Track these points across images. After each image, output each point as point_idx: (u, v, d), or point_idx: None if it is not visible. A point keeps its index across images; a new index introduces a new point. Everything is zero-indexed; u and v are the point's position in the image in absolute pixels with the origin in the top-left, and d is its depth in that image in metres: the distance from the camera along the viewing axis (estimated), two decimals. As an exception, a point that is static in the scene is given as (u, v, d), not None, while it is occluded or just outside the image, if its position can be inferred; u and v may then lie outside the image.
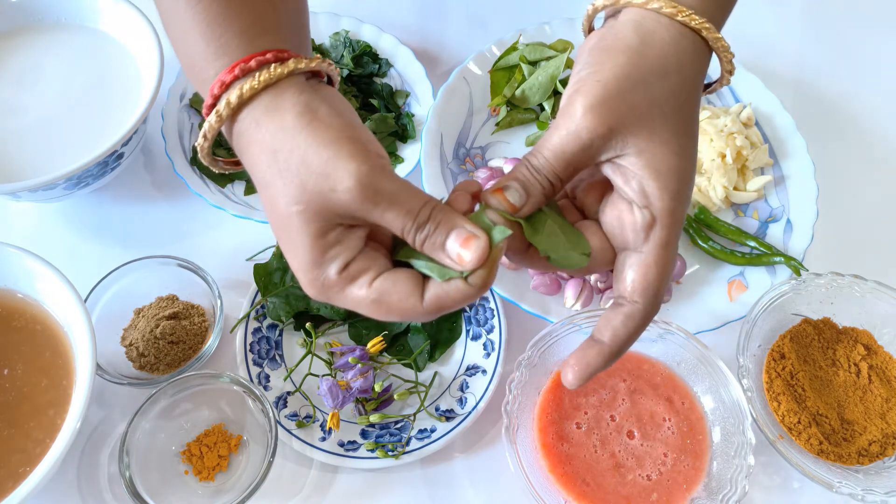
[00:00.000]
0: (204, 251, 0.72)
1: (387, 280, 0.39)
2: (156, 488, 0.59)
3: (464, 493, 0.62)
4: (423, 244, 0.38)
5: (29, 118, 0.69)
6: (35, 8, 0.74)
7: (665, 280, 0.41)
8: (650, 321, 0.41)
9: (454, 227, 0.38)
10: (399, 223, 0.38)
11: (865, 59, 0.88)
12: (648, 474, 0.59)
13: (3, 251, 0.60)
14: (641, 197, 0.39)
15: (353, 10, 0.83)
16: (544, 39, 0.78)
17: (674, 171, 0.39)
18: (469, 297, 0.38)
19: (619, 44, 0.40)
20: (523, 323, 0.69)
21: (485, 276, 0.38)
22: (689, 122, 0.41)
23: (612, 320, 0.41)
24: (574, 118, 0.39)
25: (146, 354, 0.64)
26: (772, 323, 0.65)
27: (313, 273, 0.39)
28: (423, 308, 0.38)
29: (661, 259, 0.40)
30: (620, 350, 0.41)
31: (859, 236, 0.75)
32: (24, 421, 0.57)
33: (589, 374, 0.41)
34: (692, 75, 0.41)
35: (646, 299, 0.40)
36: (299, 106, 0.38)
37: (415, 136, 0.76)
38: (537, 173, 0.40)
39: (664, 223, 0.40)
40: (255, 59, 0.39)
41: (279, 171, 0.38)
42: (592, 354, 0.41)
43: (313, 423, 0.62)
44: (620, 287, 0.41)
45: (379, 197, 0.37)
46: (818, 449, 0.60)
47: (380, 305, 0.39)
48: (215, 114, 0.39)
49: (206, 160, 0.43)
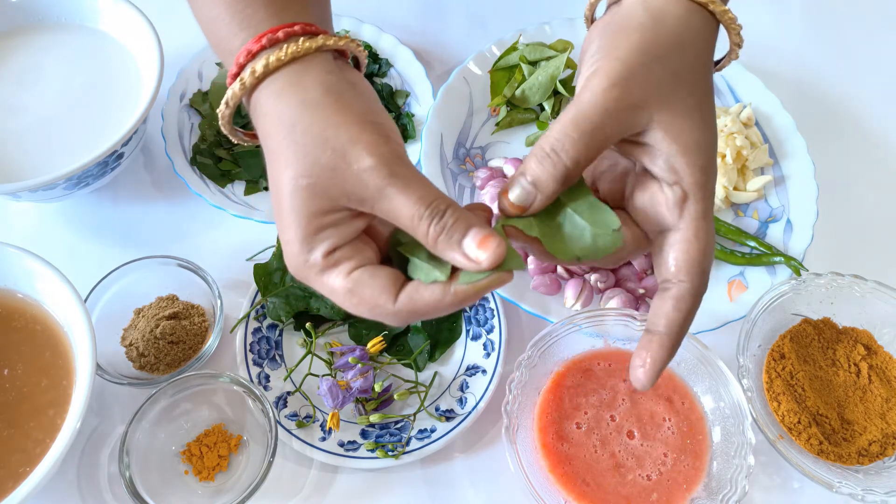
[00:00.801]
0: (204, 251, 0.72)
1: (365, 272, 0.38)
2: (156, 488, 0.59)
3: (464, 493, 0.62)
4: (439, 237, 0.37)
5: (29, 118, 0.69)
6: (35, 8, 0.74)
7: (709, 254, 0.39)
8: (701, 299, 0.39)
9: (473, 224, 0.37)
10: (410, 209, 0.37)
11: (865, 58, 0.88)
12: (648, 474, 0.59)
13: (3, 251, 0.60)
14: (671, 173, 0.39)
15: (353, 10, 0.83)
16: (544, 39, 0.78)
17: (700, 144, 0.39)
18: (440, 308, 0.37)
19: (632, 22, 0.40)
20: (523, 323, 0.69)
21: (468, 294, 0.37)
22: (708, 95, 0.41)
23: (663, 307, 0.39)
24: (596, 93, 0.38)
25: (146, 354, 0.64)
26: (772, 323, 0.65)
27: (299, 248, 0.38)
28: (394, 308, 0.38)
29: (702, 232, 0.39)
30: (681, 335, 0.40)
31: (859, 236, 0.75)
32: (24, 421, 0.57)
33: (658, 370, 0.40)
34: (704, 49, 0.41)
35: (693, 276, 0.39)
36: (325, 84, 0.38)
37: (415, 136, 0.76)
38: (553, 153, 0.38)
39: (697, 197, 0.39)
40: (283, 31, 0.39)
41: (294, 143, 0.38)
42: (655, 349, 0.39)
43: (313, 423, 0.62)
44: (663, 270, 0.40)
45: (396, 179, 0.37)
46: (818, 449, 0.60)
47: (352, 295, 0.38)
48: (239, 81, 0.39)
49: (225, 129, 0.43)
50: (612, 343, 0.63)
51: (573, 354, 0.63)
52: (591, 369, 0.62)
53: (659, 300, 0.40)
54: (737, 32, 0.43)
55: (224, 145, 0.76)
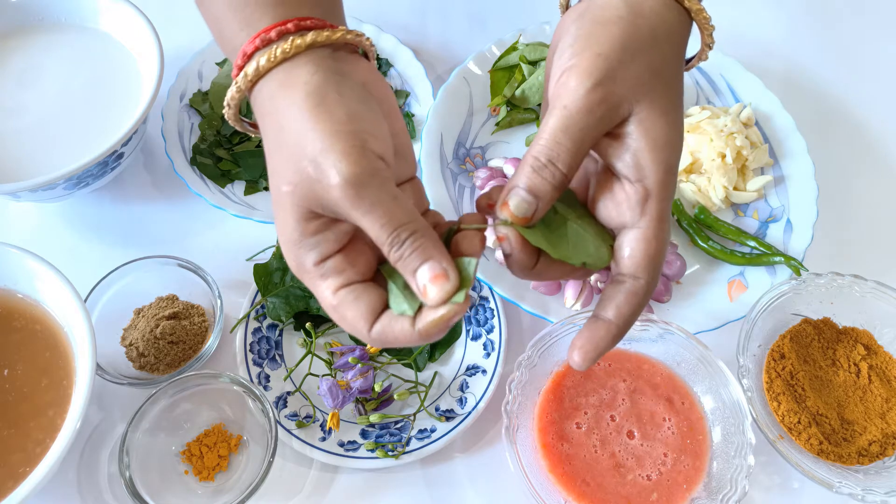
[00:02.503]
0: (204, 251, 0.72)
1: (350, 294, 0.39)
2: (156, 488, 0.59)
3: (464, 493, 0.62)
4: (397, 263, 0.37)
5: (29, 118, 0.69)
6: (35, 8, 0.74)
7: (664, 253, 0.40)
8: (651, 293, 0.40)
9: (431, 257, 0.37)
10: (375, 232, 0.37)
11: (865, 58, 0.88)
12: (648, 474, 0.59)
13: (3, 251, 0.60)
14: (635, 171, 0.39)
15: (353, 10, 0.83)
16: (544, 39, 0.78)
17: (669, 143, 0.39)
18: (410, 341, 0.38)
19: (610, 14, 0.40)
20: (523, 323, 0.69)
21: (430, 329, 0.37)
22: (680, 95, 0.41)
23: (615, 298, 0.40)
24: (581, 96, 0.38)
25: (146, 354, 0.64)
26: (772, 323, 0.65)
27: (293, 251, 0.39)
28: (370, 336, 0.39)
29: (661, 232, 0.39)
30: (627, 327, 0.40)
31: (859, 236, 0.75)
32: (24, 421, 0.57)
33: (597, 354, 0.40)
34: (679, 45, 0.41)
35: (648, 274, 0.40)
36: (310, 86, 0.38)
37: (415, 136, 0.76)
38: (549, 164, 0.38)
39: (659, 196, 0.39)
40: (276, 30, 0.39)
41: (280, 147, 0.38)
42: (601, 334, 0.40)
43: (313, 423, 0.62)
44: (620, 264, 0.40)
45: (360, 201, 0.36)
46: (818, 449, 0.60)
47: (335, 312, 0.39)
48: (235, 85, 0.40)
49: (233, 123, 0.44)
50: (612, 343, 0.63)
51: (573, 354, 0.63)
52: (591, 369, 0.62)
53: (612, 290, 0.40)
54: (709, 33, 0.43)
55: (224, 145, 0.76)
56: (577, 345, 0.41)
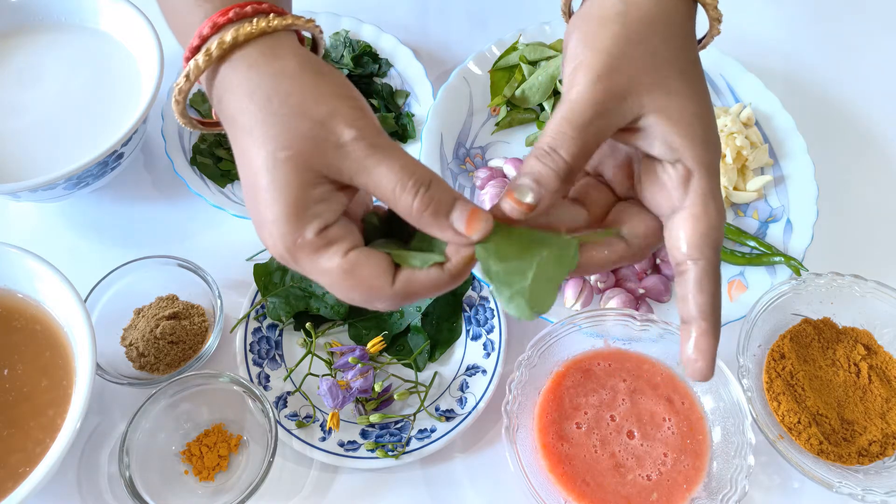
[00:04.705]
0: (204, 251, 0.72)
1: (362, 253, 0.37)
2: (156, 488, 0.59)
3: (464, 493, 0.62)
4: (425, 210, 0.36)
5: (29, 118, 0.69)
6: (35, 8, 0.74)
7: (719, 230, 0.38)
8: (719, 273, 0.39)
9: (457, 197, 0.37)
10: (392, 180, 0.36)
11: (866, 58, 0.88)
12: (648, 474, 0.59)
13: (3, 251, 0.60)
14: (670, 152, 0.38)
15: (353, 10, 0.83)
16: (544, 39, 0.78)
17: (695, 117, 0.38)
18: (439, 286, 0.37)
19: (607, 12, 0.40)
20: (523, 323, 0.69)
21: (461, 267, 0.37)
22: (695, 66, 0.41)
23: (686, 293, 0.39)
24: (584, 89, 0.38)
25: (146, 354, 0.64)
26: (772, 323, 0.65)
27: (287, 228, 0.37)
28: (392, 290, 0.37)
29: (709, 207, 0.38)
30: (717, 316, 0.39)
31: (859, 236, 0.75)
32: (24, 421, 0.57)
33: (712, 357, 0.39)
34: (680, 23, 0.41)
35: (706, 252, 0.38)
36: (301, 57, 0.38)
37: (415, 136, 0.76)
38: (552, 152, 0.38)
39: (700, 173, 0.38)
40: (252, 6, 0.39)
41: (272, 115, 0.37)
42: (700, 338, 0.39)
43: (313, 423, 0.62)
44: (675, 253, 0.39)
45: (377, 150, 0.36)
46: (818, 449, 0.60)
47: (349, 276, 0.37)
48: (204, 53, 0.38)
49: (178, 109, 0.41)
50: (612, 343, 0.63)
51: (573, 354, 0.63)
52: (591, 369, 0.62)
53: (681, 288, 0.39)
54: (714, 7, 0.43)
55: (224, 145, 0.76)
56: (691, 358, 0.39)
